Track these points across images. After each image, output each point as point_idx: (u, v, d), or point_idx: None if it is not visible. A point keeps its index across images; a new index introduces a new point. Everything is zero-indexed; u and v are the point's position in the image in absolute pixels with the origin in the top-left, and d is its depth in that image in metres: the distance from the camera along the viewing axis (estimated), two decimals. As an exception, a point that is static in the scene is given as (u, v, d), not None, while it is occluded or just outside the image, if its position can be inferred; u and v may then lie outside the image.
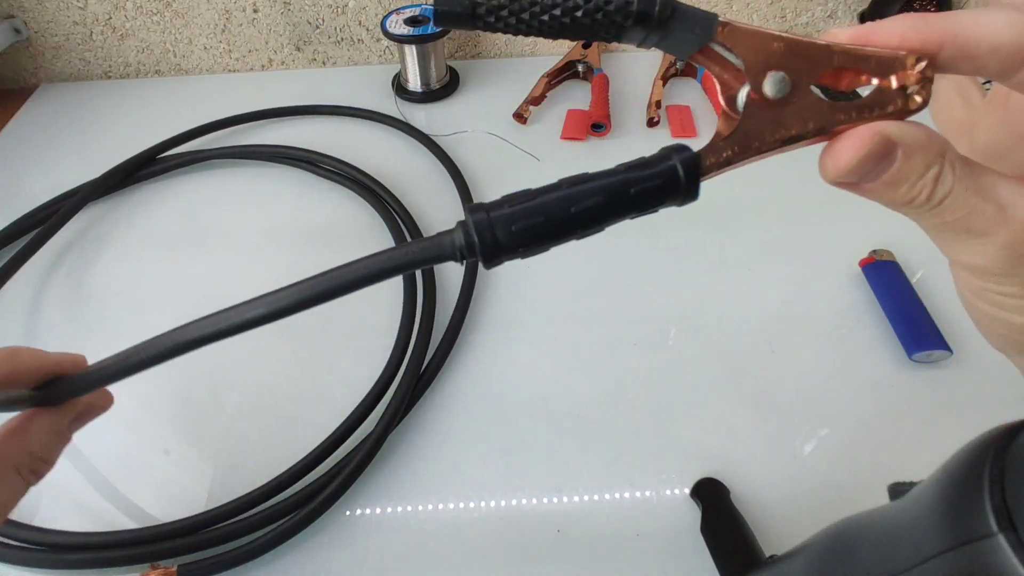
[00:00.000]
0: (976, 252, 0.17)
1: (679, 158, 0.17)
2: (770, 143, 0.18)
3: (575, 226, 0.18)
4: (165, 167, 0.60)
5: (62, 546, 0.35)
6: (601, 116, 0.62)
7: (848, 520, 0.22)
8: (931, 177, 0.16)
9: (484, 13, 0.17)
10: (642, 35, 0.17)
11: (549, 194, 0.18)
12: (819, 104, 0.17)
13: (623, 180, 0.17)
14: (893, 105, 0.17)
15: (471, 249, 0.18)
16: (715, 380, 0.43)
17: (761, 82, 0.17)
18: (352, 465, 0.38)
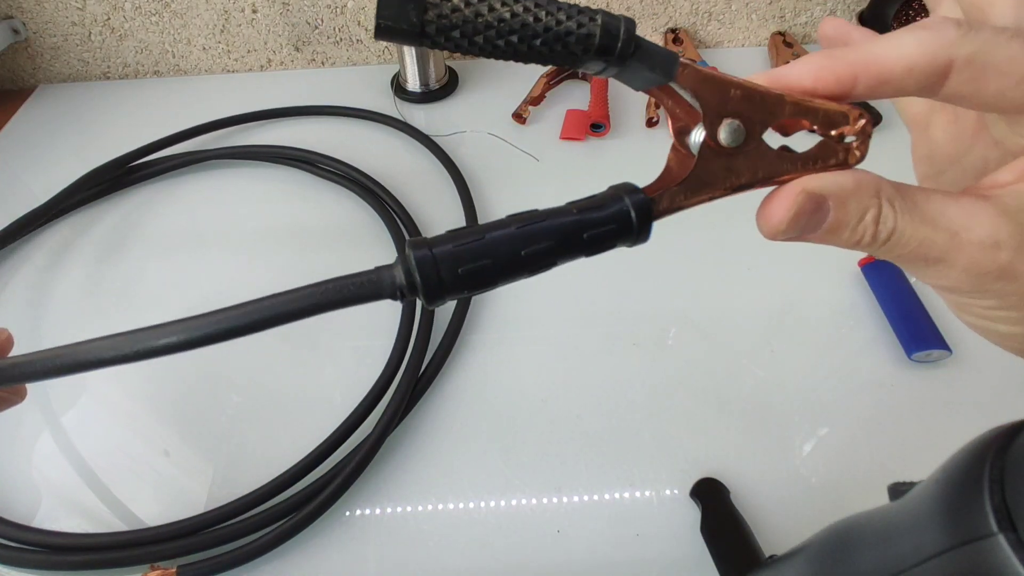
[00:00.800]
0: (940, 277, 0.17)
1: (631, 200, 0.17)
2: (721, 190, 0.18)
3: (524, 268, 0.17)
4: (164, 167, 0.60)
5: (62, 547, 0.35)
6: (600, 116, 0.62)
7: (848, 520, 0.22)
8: (870, 220, 0.16)
9: (433, 33, 0.16)
10: (601, 66, 0.17)
11: (498, 232, 0.17)
12: (769, 154, 0.18)
13: (575, 222, 0.17)
14: (835, 158, 0.18)
15: (412, 288, 0.17)
16: (715, 380, 0.43)
17: (717, 129, 0.17)
18: (352, 465, 0.38)
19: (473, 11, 0.15)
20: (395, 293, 0.17)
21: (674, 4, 0.71)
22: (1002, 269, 0.16)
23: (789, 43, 0.71)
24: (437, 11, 0.15)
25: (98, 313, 0.49)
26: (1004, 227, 0.16)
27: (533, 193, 0.57)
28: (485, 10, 0.15)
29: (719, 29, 0.74)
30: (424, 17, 0.15)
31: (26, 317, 0.49)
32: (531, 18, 0.16)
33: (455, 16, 0.15)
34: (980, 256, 0.16)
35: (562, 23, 0.16)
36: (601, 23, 0.16)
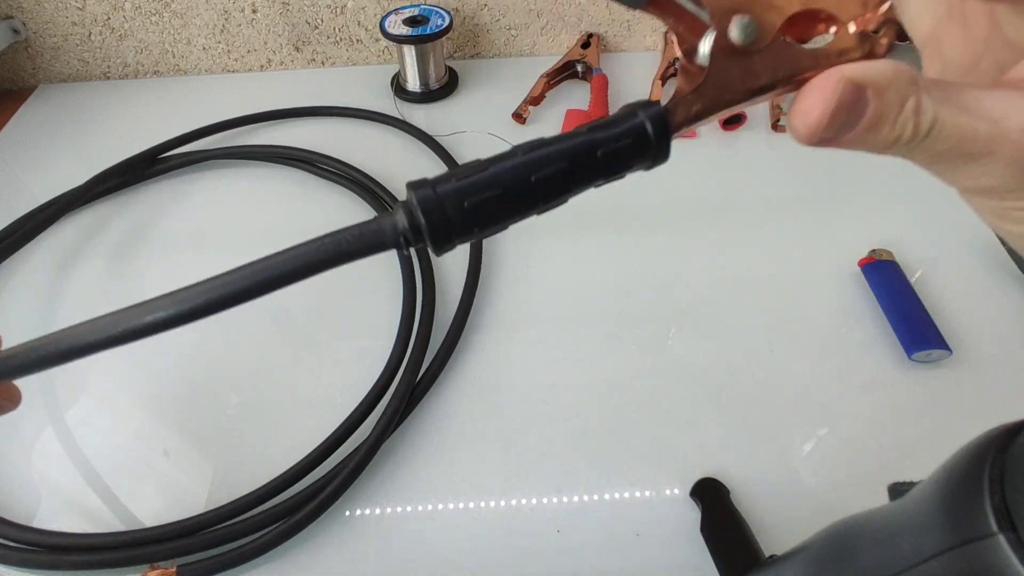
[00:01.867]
0: (983, 175, 0.16)
1: (646, 114, 0.16)
2: (741, 94, 0.16)
3: (536, 198, 0.16)
4: (164, 168, 0.60)
5: (61, 547, 0.35)
6: (600, 116, 0.62)
7: (848, 520, 0.22)
8: (910, 110, 0.15)
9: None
10: None
11: (504, 162, 0.15)
12: (788, 50, 0.16)
13: (588, 141, 0.16)
14: (861, 49, 0.16)
15: (416, 233, 0.15)
16: (715, 380, 0.43)
17: (726, 28, 0.16)
18: (352, 465, 0.38)
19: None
20: (399, 240, 0.16)
21: (674, 4, 0.71)
22: None
23: (789, 43, 0.71)
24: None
25: (98, 313, 0.49)
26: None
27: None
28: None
29: (719, 29, 0.74)
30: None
31: (27, 318, 0.49)
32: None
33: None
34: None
35: None
36: None
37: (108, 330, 0.16)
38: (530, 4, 0.70)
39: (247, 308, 0.36)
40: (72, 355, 0.16)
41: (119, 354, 0.41)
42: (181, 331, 0.51)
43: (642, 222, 0.52)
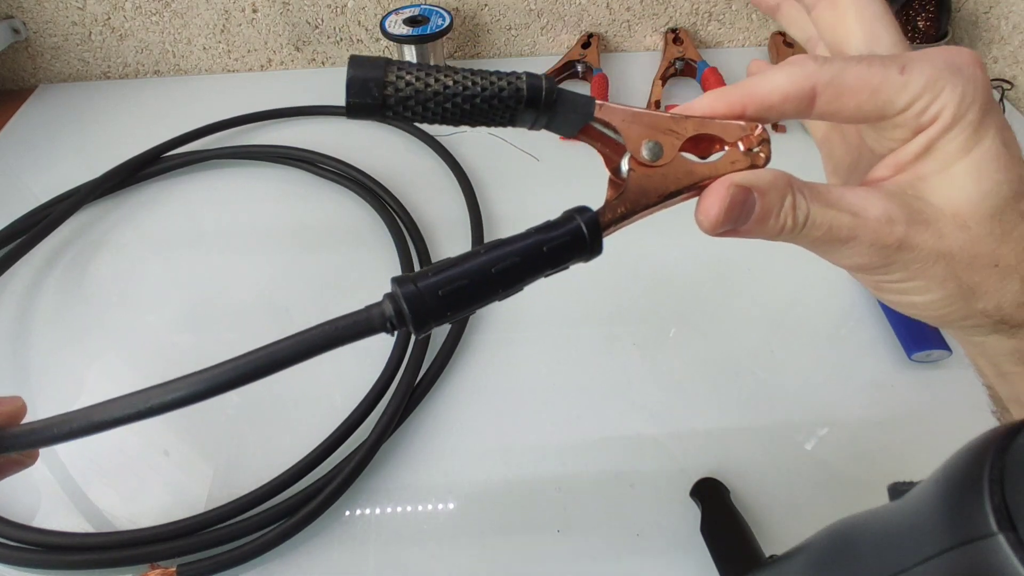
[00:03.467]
0: (852, 255, 0.20)
1: (581, 218, 0.20)
2: (654, 199, 0.20)
3: (497, 286, 0.19)
4: (165, 167, 0.60)
5: (61, 547, 0.35)
6: (600, 116, 0.62)
7: (848, 520, 0.22)
8: (788, 206, 0.19)
9: (393, 104, 0.19)
10: (533, 117, 0.20)
11: (470, 260, 0.19)
12: (687, 164, 0.20)
13: (536, 241, 0.19)
14: (744, 163, 0.20)
15: (401, 319, 0.18)
16: (715, 380, 0.43)
17: (639, 149, 0.20)
18: (351, 465, 0.38)
19: (422, 83, 0.19)
20: (385, 325, 0.19)
21: (674, 4, 0.71)
22: (900, 240, 0.19)
23: (789, 43, 0.71)
24: (394, 86, 0.18)
25: (99, 313, 0.49)
26: (894, 206, 0.19)
27: (533, 193, 0.57)
28: (432, 81, 0.19)
29: (719, 29, 0.74)
30: (384, 92, 0.18)
31: (27, 317, 0.49)
32: (469, 83, 0.19)
33: (408, 89, 0.19)
34: (880, 229, 0.19)
35: (495, 83, 0.19)
36: (526, 81, 0.19)
37: (129, 408, 0.19)
38: (530, 4, 0.70)
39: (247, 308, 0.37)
40: (93, 431, 0.19)
41: (119, 354, 0.41)
42: (180, 331, 0.51)
43: (642, 222, 0.52)
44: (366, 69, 0.18)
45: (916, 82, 0.19)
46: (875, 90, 0.19)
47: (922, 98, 0.19)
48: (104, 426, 0.19)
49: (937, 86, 0.18)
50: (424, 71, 0.19)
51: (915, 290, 0.20)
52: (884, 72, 0.19)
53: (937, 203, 0.19)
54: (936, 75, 0.19)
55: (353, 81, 0.18)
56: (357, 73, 0.18)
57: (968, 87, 0.19)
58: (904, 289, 0.21)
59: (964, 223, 0.19)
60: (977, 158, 0.19)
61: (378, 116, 0.19)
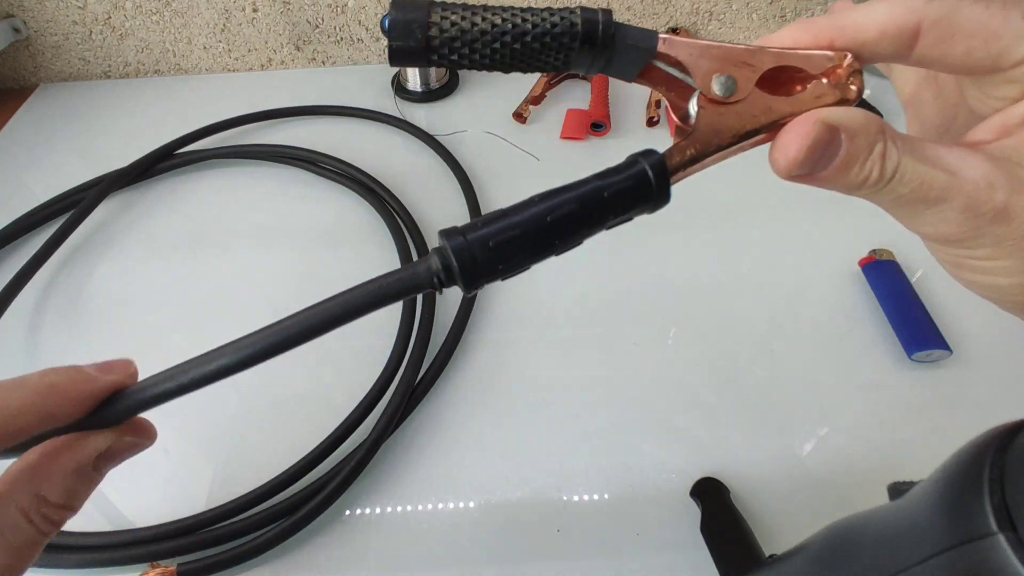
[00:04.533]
0: (939, 221, 0.18)
1: (647, 161, 0.18)
2: (728, 139, 0.18)
3: (553, 237, 0.18)
4: (166, 167, 0.60)
5: (61, 546, 0.35)
6: (601, 116, 0.62)
7: (848, 520, 0.22)
8: (877, 154, 0.17)
9: (438, 46, 0.17)
10: (589, 58, 0.18)
11: (524, 210, 0.18)
12: (766, 100, 0.18)
13: (596, 187, 0.18)
14: (833, 96, 0.18)
15: (449, 274, 0.17)
16: (715, 380, 0.43)
17: (709, 85, 0.18)
18: (352, 465, 0.38)
19: (468, 22, 0.17)
20: (433, 282, 0.18)
21: (675, 4, 0.71)
22: (998, 210, 0.17)
23: (790, 43, 0.71)
24: (439, 27, 0.17)
25: (98, 313, 0.49)
26: (996, 170, 0.17)
27: (534, 192, 0.57)
28: (479, 20, 0.17)
29: (720, 29, 0.74)
30: (428, 33, 0.17)
31: (26, 317, 0.49)
32: (519, 20, 0.17)
33: (453, 29, 0.17)
34: (977, 195, 0.17)
35: (547, 20, 0.18)
36: (581, 15, 0.17)
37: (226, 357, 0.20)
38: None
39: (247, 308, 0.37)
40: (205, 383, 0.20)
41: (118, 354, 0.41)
42: (180, 331, 0.51)
43: (642, 222, 0.52)
44: (408, 10, 0.17)
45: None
46: (992, 35, 0.17)
47: None
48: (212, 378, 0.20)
49: None
50: (471, 10, 0.17)
51: (1002, 271, 0.18)
52: (1005, 16, 0.16)
53: None
54: None
55: (395, 23, 0.17)
56: (399, 15, 0.17)
57: None
58: (990, 269, 0.18)
59: None
60: None
61: (422, 60, 0.18)
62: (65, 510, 0.19)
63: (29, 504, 0.18)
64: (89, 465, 0.19)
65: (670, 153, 0.18)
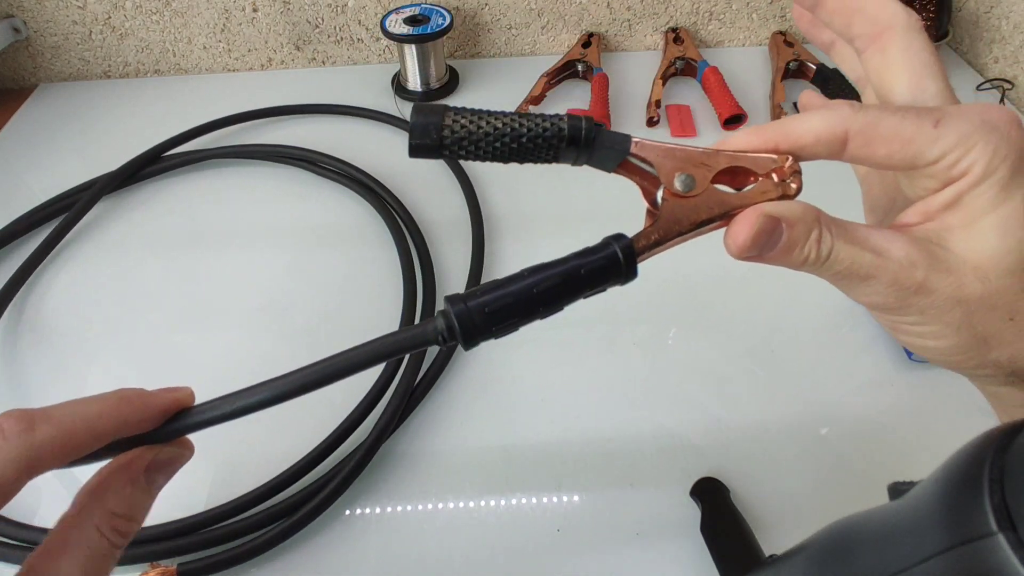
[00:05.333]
0: (871, 293, 0.21)
1: (618, 244, 0.21)
2: (687, 226, 0.22)
3: (538, 305, 0.21)
4: (164, 167, 0.60)
5: (62, 546, 0.35)
6: (601, 115, 0.62)
7: (848, 520, 0.22)
8: (814, 239, 0.20)
9: (450, 144, 0.21)
10: (575, 155, 0.22)
11: (515, 282, 0.21)
12: (719, 194, 0.22)
13: (575, 264, 0.21)
14: (776, 192, 0.22)
15: (452, 333, 0.21)
16: (715, 380, 0.43)
17: (672, 181, 0.22)
18: (351, 465, 0.38)
19: (475, 125, 0.21)
20: (438, 339, 0.21)
21: (675, 3, 0.71)
22: (919, 284, 0.20)
23: (790, 42, 0.71)
24: (450, 128, 0.21)
25: (98, 313, 0.49)
26: (918, 251, 0.20)
27: (533, 193, 0.57)
28: (484, 124, 0.21)
29: (720, 28, 0.74)
30: (442, 134, 0.21)
31: (26, 316, 0.49)
32: (517, 124, 0.21)
33: (462, 131, 0.21)
34: (901, 272, 0.20)
35: (539, 124, 0.21)
36: (568, 122, 0.21)
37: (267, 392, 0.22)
38: (531, 3, 0.70)
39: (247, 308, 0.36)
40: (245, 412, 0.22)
41: (119, 354, 0.41)
42: (180, 332, 0.51)
43: (642, 222, 0.52)
44: (427, 115, 0.21)
45: (949, 136, 0.19)
46: (907, 141, 0.19)
47: (953, 152, 0.19)
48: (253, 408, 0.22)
49: (970, 141, 0.19)
50: (478, 115, 0.21)
51: (931, 335, 0.21)
52: (918, 124, 0.19)
53: (960, 253, 0.20)
54: (971, 131, 0.19)
55: (416, 126, 0.21)
56: (419, 119, 0.21)
57: (1001, 145, 0.19)
58: (920, 333, 0.21)
59: (985, 275, 0.20)
60: (1004, 215, 0.19)
61: (436, 155, 0.21)
62: (130, 522, 0.21)
63: (101, 518, 0.20)
64: (141, 478, 0.21)
65: (638, 238, 0.22)
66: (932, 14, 0.66)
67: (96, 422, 0.20)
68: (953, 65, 0.72)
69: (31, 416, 0.19)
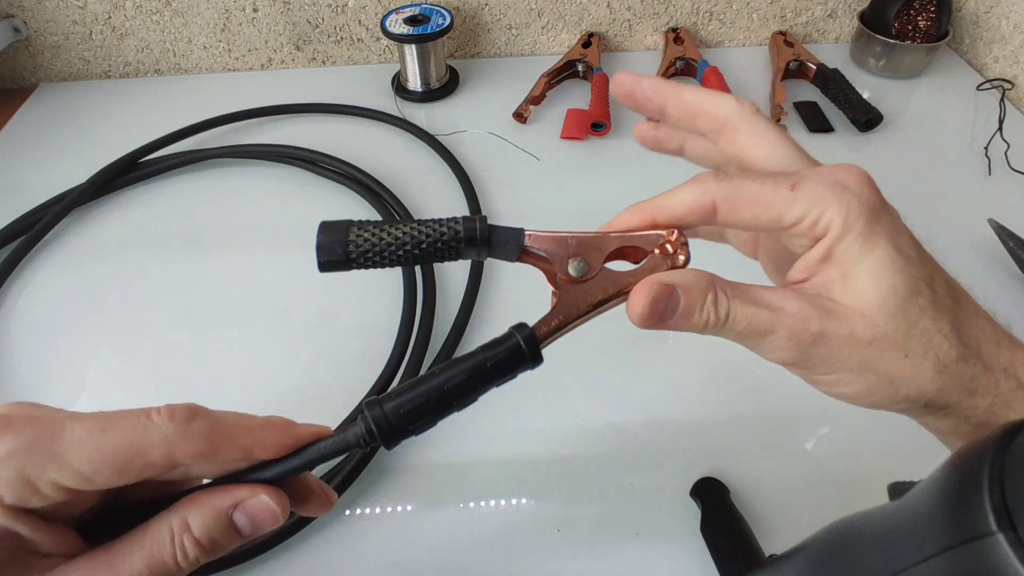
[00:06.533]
0: (774, 348, 0.22)
1: (520, 335, 0.23)
2: (585, 308, 0.24)
3: (451, 400, 0.22)
4: (165, 166, 0.60)
5: (62, 546, 0.35)
6: (601, 115, 0.62)
7: (848, 520, 0.22)
8: (710, 303, 0.22)
9: (356, 257, 0.23)
10: (475, 252, 0.24)
11: (427, 381, 0.22)
12: (613, 274, 0.23)
13: (481, 359, 0.22)
14: (665, 266, 0.23)
15: (372, 436, 0.22)
16: (715, 380, 0.43)
17: (566, 267, 0.23)
18: (351, 465, 0.38)
19: (378, 238, 0.23)
20: (359, 442, 0.22)
21: (675, 3, 0.71)
22: (815, 335, 0.21)
23: (790, 42, 0.71)
24: (355, 244, 0.23)
25: (97, 313, 0.49)
26: (809, 306, 0.21)
27: (533, 192, 0.57)
28: (386, 236, 0.23)
29: (720, 28, 0.74)
30: (347, 250, 0.23)
31: (28, 316, 0.49)
32: (417, 232, 0.23)
33: (367, 244, 0.23)
34: (796, 325, 0.21)
35: (437, 230, 0.23)
36: (463, 225, 0.23)
37: None
38: (531, 3, 0.70)
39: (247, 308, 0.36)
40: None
41: (118, 354, 0.41)
42: (181, 331, 0.51)
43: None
44: (332, 233, 0.23)
45: (804, 199, 0.21)
46: (768, 205, 0.21)
47: (811, 212, 0.21)
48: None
49: (825, 202, 0.21)
50: (379, 228, 0.23)
51: (841, 383, 0.23)
52: (775, 189, 0.21)
53: (846, 303, 0.21)
54: (823, 192, 0.21)
55: (321, 245, 0.23)
56: (324, 238, 0.23)
57: (853, 202, 0.21)
58: (831, 382, 0.23)
59: (872, 320, 0.21)
60: (873, 263, 0.21)
61: (345, 268, 0.23)
62: (201, 548, 0.21)
63: (178, 527, 0.21)
64: (228, 512, 0.22)
65: (538, 326, 0.23)
66: (932, 14, 0.66)
67: (242, 434, 0.23)
68: (953, 65, 0.72)
69: (197, 410, 0.22)
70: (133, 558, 0.20)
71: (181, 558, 0.21)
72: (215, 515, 0.21)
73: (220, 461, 0.22)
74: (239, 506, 0.22)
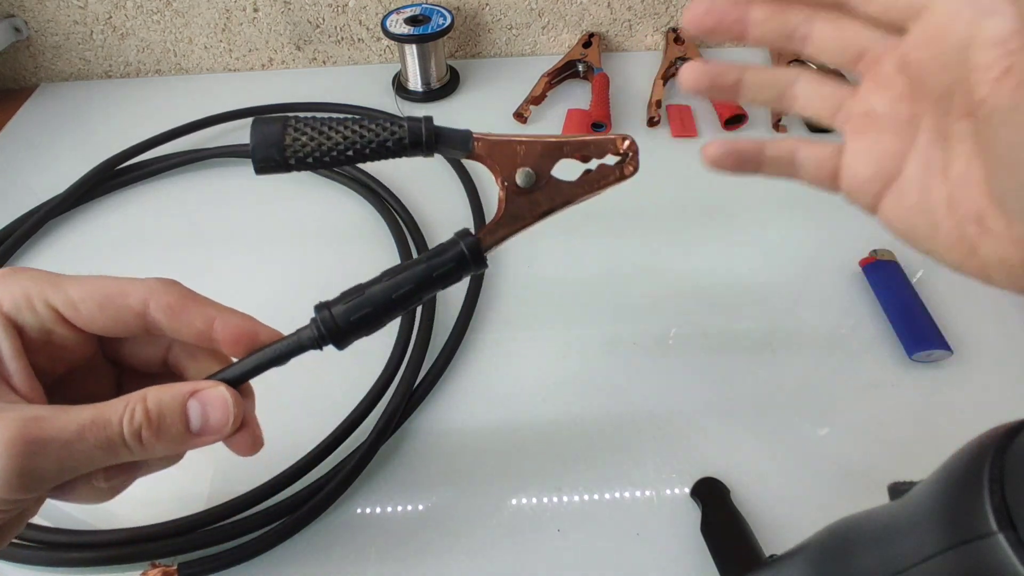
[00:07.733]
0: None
1: (464, 243, 0.23)
2: (530, 219, 0.24)
3: (396, 306, 0.23)
4: (164, 166, 0.60)
5: (62, 544, 0.35)
6: (601, 116, 0.62)
7: (848, 520, 0.22)
8: None
9: (294, 161, 0.22)
10: (420, 153, 0.23)
11: (374, 286, 0.23)
12: (561, 184, 0.24)
13: (427, 267, 0.23)
14: (613, 175, 0.23)
15: (323, 338, 0.24)
16: (715, 380, 0.43)
17: (513, 177, 0.23)
18: (352, 464, 0.38)
19: (316, 141, 0.22)
20: (313, 344, 0.24)
21: (675, 3, 0.71)
22: None
23: (790, 43, 0.71)
24: (292, 148, 0.22)
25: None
26: None
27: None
28: (324, 139, 0.22)
29: (720, 29, 0.74)
30: (284, 154, 0.22)
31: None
32: (358, 136, 0.22)
33: (305, 148, 0.22)
34: None
35: (380, 134, 0.22)
36: (407, 127, 0.22)
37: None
38: (531, 3, 0.70)
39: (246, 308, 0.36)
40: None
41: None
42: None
43: (643, 223, 0.52)
44: (266, 133, 0.22)
45: None
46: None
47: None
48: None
49: None
50: (318, 129, 0.22)
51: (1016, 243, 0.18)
52: None
53: None
54: None
55: (256, 146, 0.22)
56: (258, 138, 0.22)
57: None
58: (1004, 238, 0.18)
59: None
60: None
61: (283, 170, 0.23)
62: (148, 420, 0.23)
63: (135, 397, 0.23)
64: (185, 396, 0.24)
65: (483, 235, 0.23)
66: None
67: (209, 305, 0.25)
68: None
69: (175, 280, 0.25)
70: (83, 412, 0.22)
71: (127, 421, 0.22)
72: (171, 394, 0.23)
73: (187, 322, 0.24)
74: (196, 394, 0.24)
